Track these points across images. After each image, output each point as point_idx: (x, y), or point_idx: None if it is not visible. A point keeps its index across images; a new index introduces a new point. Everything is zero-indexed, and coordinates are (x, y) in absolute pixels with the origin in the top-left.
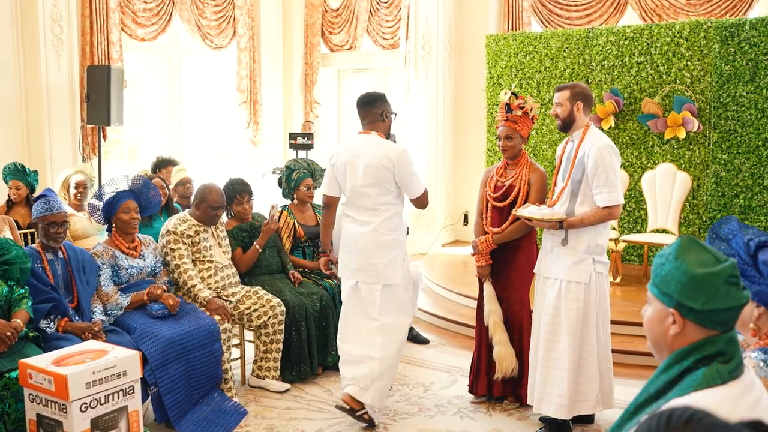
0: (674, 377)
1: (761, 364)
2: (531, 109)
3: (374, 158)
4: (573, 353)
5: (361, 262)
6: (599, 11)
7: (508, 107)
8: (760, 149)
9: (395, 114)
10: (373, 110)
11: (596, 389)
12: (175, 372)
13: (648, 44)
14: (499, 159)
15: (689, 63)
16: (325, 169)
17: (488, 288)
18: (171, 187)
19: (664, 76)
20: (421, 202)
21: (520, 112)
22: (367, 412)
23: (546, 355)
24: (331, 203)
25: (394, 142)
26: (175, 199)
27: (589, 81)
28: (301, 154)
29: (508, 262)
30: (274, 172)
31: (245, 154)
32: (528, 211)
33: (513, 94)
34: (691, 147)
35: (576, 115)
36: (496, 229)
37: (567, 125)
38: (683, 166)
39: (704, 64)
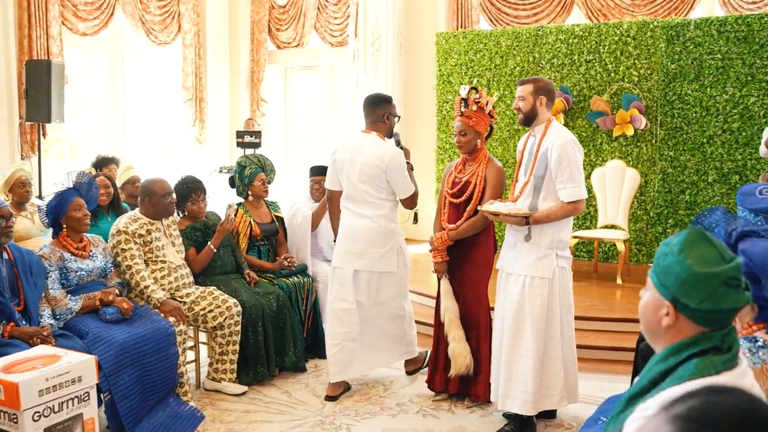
0: (668, 369)
1: (747, 353)
2: (487, 104)
3: (370, 157)
4: (537, 349)
5: (360, 251)
6: (546, 10)
7: (465, 102)
8: (705, 146)
9: (398, 117)
10: (377, 111)
11: (560, 384)
12: (130, 378)
13: (596, 43)
14: (450, 157)
15: (636, 61)
16: (273, 166)
17: (445, 285)
18: (119, 186)
19: (613, 74)
20: (408, 202)
21: (475, 107)
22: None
23: (510, 351)
24: (333, 196)
25: (399, 141)
26: (123, 199)
27: None
28: (249, 152)
29: (465, 259)
30: (221, 171)
31: (191, 153)
32: (494, 206)
33: (473, 88)
34: (638, 144)
35: (539, 110)
36: (451, 226)
37: (529, 119)
38: (631, 163)
39: (651, 62)
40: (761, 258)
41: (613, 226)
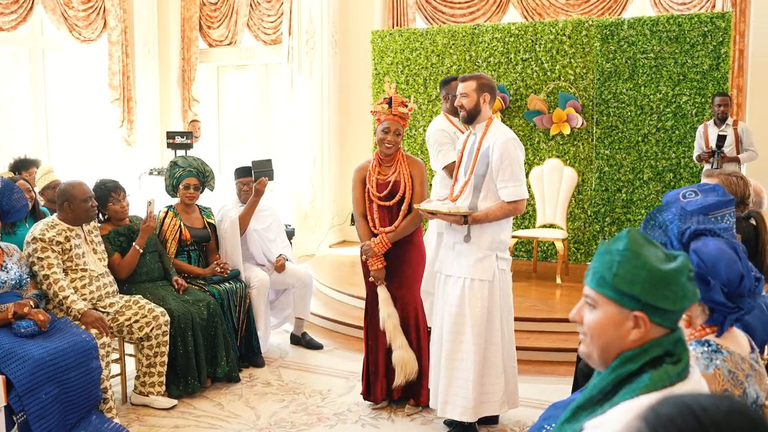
0: (620, 380)
1: (699, 357)
2: (411, 110)
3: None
4: (478, 353)
5: None
6: (482, 9)
7: (392, 102)
8: (640, 145)
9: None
10: (441, 92)
11: (501, 389)
12: (47, 396)
13: (532, 41)
14: None
15: (572, 60)
16: (213, 173)
17: (383, 292)
18: (37, 190)
19: (549, 73)
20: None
21: (405, 110)
22: None
23: (450, 356)
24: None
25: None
26: (42, 204)
27: None
28: (180, 153)
29: (402, 259)
30: (151, 173)
31: (119, 154)
32: (432, 205)
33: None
34: (575, 143)
35: (482, 107)
36: (388, 229)
37: (472, 117)
38: (568, 162)
39: (586, 61)
40: (712, 258)
41: (551, 225)
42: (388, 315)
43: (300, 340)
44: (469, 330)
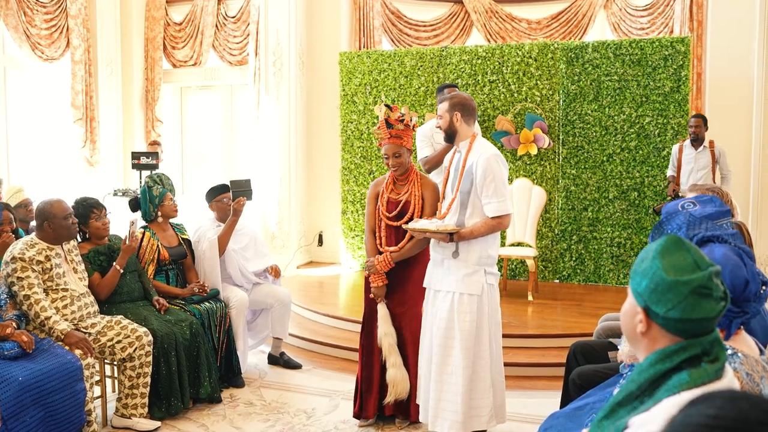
0: (658, 377)
1: None
2: (411, 119)
3: None
4: (467, 367)
5: None
6: (447, 32)
7: (388, 122)
8: (605, 164)
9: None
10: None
11: (490, 404)
12: (32, 420)
13: (499, 64)
14: (355, 177)
15: (538, 82)
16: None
17: (383, 309)
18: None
19: (516, 95)
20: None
21: (401, 126)
22: None
23: (439, 370)
24: None
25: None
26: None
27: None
28: (145, 172)
29: (406, 278)
30: (115, 194)
31: (81, 175)
32: (420, 224)
33: (386, 106)
34: (542, 163)
35: (456, 126)
36: (393, 248)
37: (450, 136)
38: (536, 182)
39: (552, 83)
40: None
41: (519, 244)
42: (385, 333)
43: (278, 359)
44: (458, 344)
